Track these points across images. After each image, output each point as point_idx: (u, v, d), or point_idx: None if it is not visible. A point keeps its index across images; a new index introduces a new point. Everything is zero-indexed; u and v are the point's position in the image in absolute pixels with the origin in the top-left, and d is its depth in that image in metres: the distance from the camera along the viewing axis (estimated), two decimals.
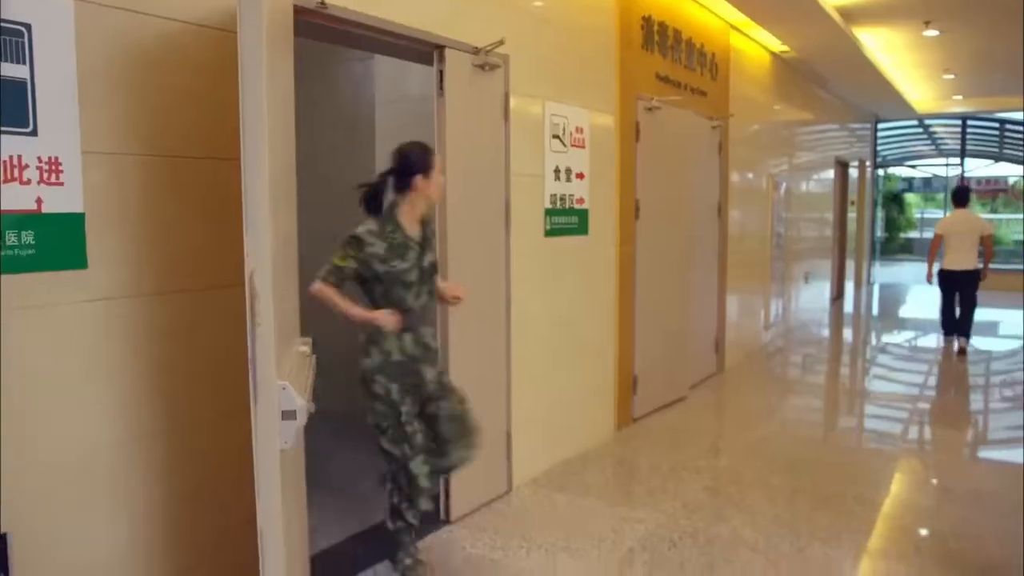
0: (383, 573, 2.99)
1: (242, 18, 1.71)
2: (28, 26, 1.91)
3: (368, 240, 2.62)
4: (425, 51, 3.22)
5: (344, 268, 2.62)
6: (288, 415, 1.77)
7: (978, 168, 19.38)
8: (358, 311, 2.64)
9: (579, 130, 4.31)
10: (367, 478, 3.53)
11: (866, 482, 4.06)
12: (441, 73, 3.24)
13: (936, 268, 7.56)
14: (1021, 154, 16.36)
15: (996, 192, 20.66)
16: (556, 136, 4.11)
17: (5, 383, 1.90)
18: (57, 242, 2.00)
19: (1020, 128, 14.93)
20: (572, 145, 4.25)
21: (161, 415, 2.26)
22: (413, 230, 2.71)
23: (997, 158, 18.15)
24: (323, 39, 3.06)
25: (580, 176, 4.35)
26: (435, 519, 3.43)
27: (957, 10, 6.81)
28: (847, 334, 9.54)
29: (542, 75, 3.99)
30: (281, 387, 1.76)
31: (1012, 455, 4.63)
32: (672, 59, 5.38)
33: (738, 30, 6.65)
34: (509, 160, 3.69)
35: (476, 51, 3.38)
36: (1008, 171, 18.82)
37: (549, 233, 4.11)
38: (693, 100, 5.70)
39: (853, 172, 12.37)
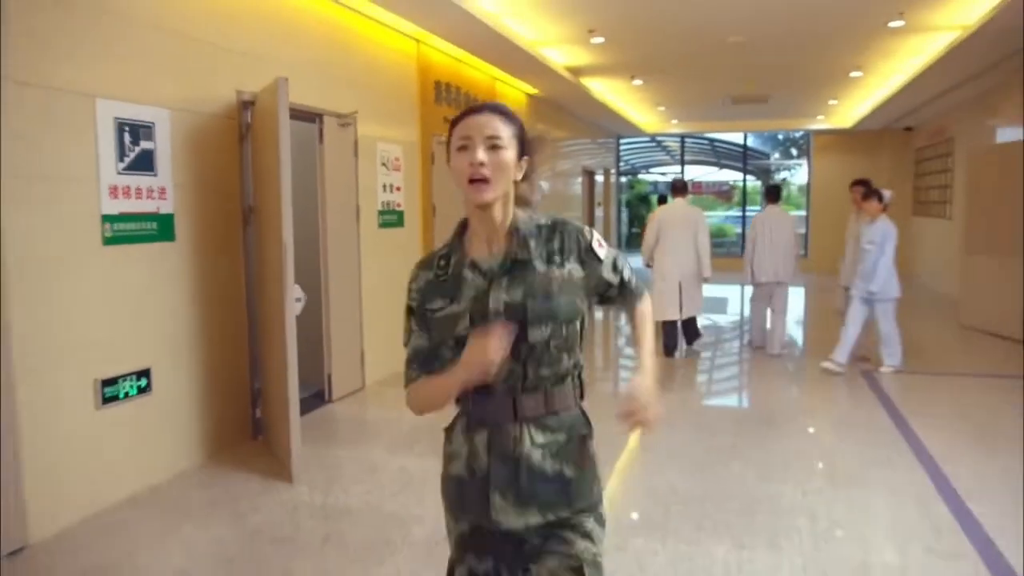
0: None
1: (279, 113, 4.12)
2: (153, 123, 4.16)
3: (413, 274, 1.75)
4: (311, 117, 5.63)
5: (411, 337, 1.74)
6: (299, 300, 4.20)
7: (706, 174, 24.42)
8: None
9: (396, 159, 6.87)
10: None
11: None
12: (320, 130, 5.67)
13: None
14: (735, 164, 21.17)
15: (723, 194, 25.87)
16: (384, 163, 6.65)
17: (145, 298, 4.14)
18: (164, 228, 4.25)
19: (724, 144, 19.58)
20: (393, 169, 6.81)
21: (198, 311, 4.54)
22: (484, 252, 1.68)
23: (719, 166, 23.10)
24: None
25: (398, 189, 6.92)
26: (322, 399, 5.86)
27: (651, 70, 10.19)
28: None
29: (375, 125, 6.50)
30: (296, 285, 4.18)
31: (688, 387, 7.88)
32: (455, 107, 8.10)
33: (501, 80, 9.54)
34: (358, 180, 6.18)
35: (340, 116, 5.84)
36: (730, 176, 23.94)
37: (381, 226, 6.64)
38: None
39: (600, 179, 15.96)
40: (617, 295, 1.80)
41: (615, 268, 1.77)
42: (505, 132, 1.65)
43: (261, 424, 5.00)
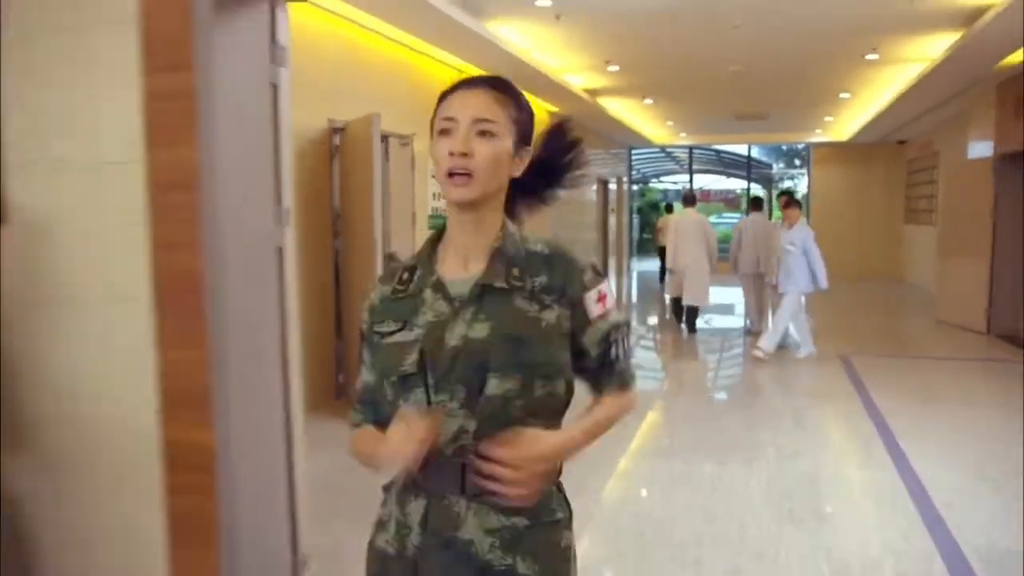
0: None
1: (373, 141, 5.37)
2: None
3: (371, 289, 1.43)
4: (381, 138, 6.88)
5: (361, 370, 1.45)
6: None
7: (715, 182, 25.69)
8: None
9: None
10: None
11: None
12: (386, 150, 6.92)
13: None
14: (740, 173, 22.38)
15: (731, 201, 27.06)
16: (432, 176, 7.88)
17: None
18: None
19: (730, 155, 20.81)
20: None
21: (300, 293, 5.77)
22: (459, 270, 1.35)
23: (726, 175, 24.31)
24: None
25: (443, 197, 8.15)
26: None
27: (660, 91, 11.41)
28: None
29: (426, 143, 7.72)
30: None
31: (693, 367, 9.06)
32: None
33: None
34: (414, 189, 7.43)
35: (401, 137, 7.09)
36: (735, 184, 25.16)
37: (430, 227, 7.88)
38: None
39: (613, 187, 17.18)
40: (592, 371, 1.37)
41: (605, 338, 1.35)
42: (501, 115, 1.32)
43: (343, 387, 6.23)
